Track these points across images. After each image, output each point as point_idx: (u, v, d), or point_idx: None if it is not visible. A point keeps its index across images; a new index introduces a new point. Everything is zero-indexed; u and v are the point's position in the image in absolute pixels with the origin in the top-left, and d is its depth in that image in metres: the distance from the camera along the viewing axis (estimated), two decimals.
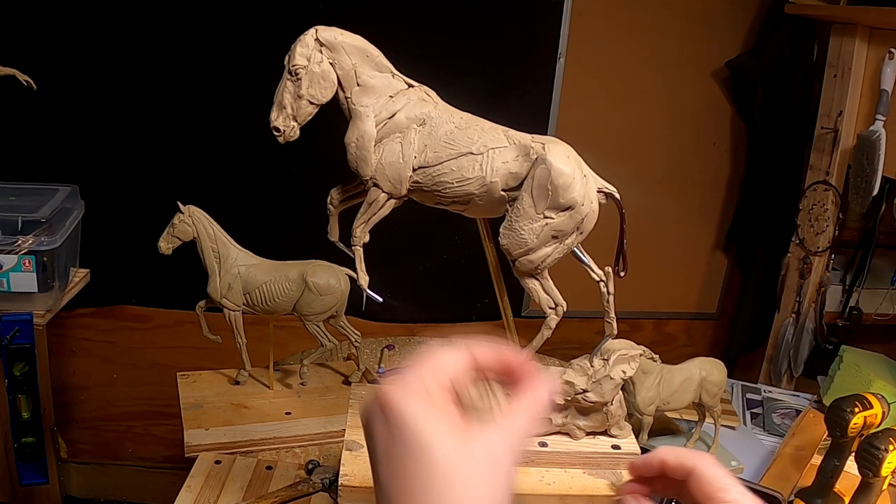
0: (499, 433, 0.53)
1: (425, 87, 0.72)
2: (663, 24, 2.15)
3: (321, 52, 0.70)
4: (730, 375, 1.52)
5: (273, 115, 0.71)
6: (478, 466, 0.51)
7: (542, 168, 0.64)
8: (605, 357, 0.90)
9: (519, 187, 0.65)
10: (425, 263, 2.19)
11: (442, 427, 0.51)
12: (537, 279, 0.72)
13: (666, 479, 0.63)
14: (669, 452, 0.63)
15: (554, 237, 0.66)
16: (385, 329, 1.83)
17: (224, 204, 1.43)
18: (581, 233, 0.67)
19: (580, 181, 0.65)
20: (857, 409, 1.23)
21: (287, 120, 0.71)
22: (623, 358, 0.90)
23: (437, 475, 0.50)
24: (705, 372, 1.40)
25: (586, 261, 0.75)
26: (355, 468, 0.83)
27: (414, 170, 0.69)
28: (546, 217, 0.65)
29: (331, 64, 0.70)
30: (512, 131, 0.68)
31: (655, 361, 1.36)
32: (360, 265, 0.78)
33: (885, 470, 1.17)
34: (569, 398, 0.88)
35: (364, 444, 0.86)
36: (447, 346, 0.57)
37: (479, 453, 0.51)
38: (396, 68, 0.73)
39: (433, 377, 0.54)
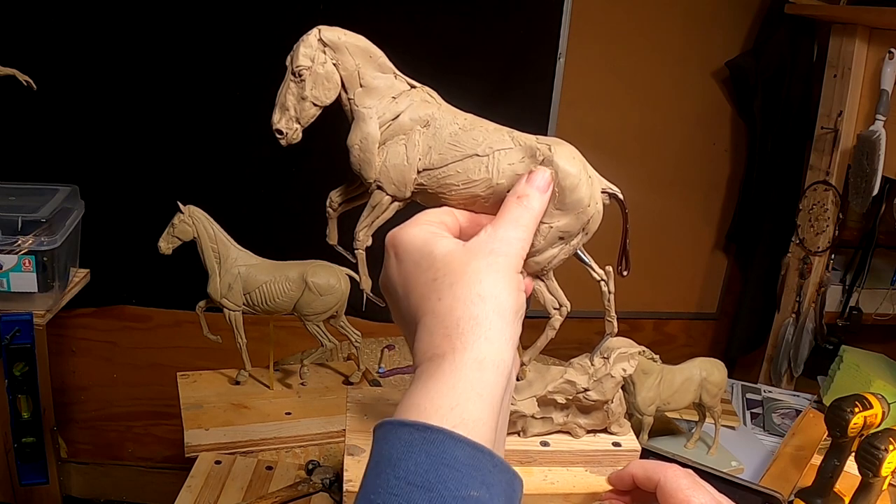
0: (489, 234, 0.56)
1: (427, 88, 0.72)
2: (663, 24, 2.16)
3: (325, 52, 0.69)
4: (730, 375, 1.52)
5: (275, 117, 0.70)
6: (474, 255, 0.54)
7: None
8: (606, 355, 0.90)
9: None
10: None
11: (440, 236, 0.56)
12: (543, 280, 0.72)
13: (640, 491, 0.65)
14: (638, 466, 0.65)
15: (560, 238, 0.66)
16: (385, 329, 1.82)
17: (224, 204, 1.43)
18: (586, 234, 0.67)
19: (586, 182, 0.65)
20: (857, 409, 1.23)
21: (290, 122, 0.70)
22: (623, 356, 0.91)
23: (438, 267, 0.53)
24: (705, 372, 1.40)
25: (587, 261, 0.75)
26: (358, 473, 0.82)
27: (418, 172, 0.68)
28: (553, 218, 0.65)
29: (334, 65, 0.70)
30: (516, 132, 0.67)
31: (655, 361, 1.36)
32: (363, 268, 0.77)
33: (885, 470, 1.17)
34: (570, 397, 0.89)
35: (366, 448, 0.86)
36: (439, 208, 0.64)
37: (473, 246, 0.55)
38: (396, 68, 0.72)
39: (429, 216, 0.59)
